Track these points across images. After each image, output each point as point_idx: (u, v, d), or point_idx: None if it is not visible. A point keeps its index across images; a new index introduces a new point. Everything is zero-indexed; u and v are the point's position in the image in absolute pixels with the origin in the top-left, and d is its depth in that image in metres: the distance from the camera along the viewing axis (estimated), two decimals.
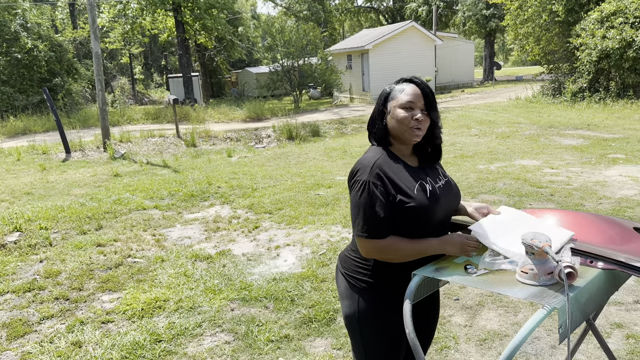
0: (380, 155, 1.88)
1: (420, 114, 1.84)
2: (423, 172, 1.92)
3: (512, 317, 3.54)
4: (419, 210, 1.79)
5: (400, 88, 1.90)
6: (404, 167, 1.88)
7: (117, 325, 3.71)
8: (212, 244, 5.43)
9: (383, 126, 1.91)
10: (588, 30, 16.30)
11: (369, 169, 1.82)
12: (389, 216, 1.80)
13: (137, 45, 37.35)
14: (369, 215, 1.79)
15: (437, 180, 1.93)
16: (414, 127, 1.84)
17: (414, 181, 1.84)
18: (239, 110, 20.97)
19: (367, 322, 1.94)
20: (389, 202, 1.80)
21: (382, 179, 1.80)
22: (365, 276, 1.94)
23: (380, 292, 1.92)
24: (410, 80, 1.91)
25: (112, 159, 11.60)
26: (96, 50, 12.90)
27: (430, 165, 1.99)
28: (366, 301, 1.94)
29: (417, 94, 1.86)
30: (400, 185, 1.81)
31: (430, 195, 1.83)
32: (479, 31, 35.65)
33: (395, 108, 1.87)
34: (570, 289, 1.61)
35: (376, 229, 1.80)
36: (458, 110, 17.71)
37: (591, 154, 9.05)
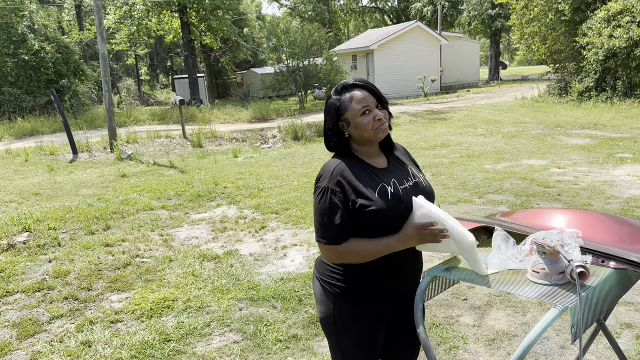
0: (342, 161, 1.87)
1: (380, 113, 1.85)
2: (389, 173, 1.90)
3: (521, 317, 3.53)
4: (380, 213, 1.78)
5: (347, 97, 1.86)
6: (367, 170, 1.87)
7: (126, 325, 3.72)
8: (219, 244, 5.44)
9: (345, 139, 1.90)
10: (594, 29, 16.23)
11: (330, 175, 1.82)
12: (348, 222, 1.80)
13: (143, 47, 37.49)
14: (327, 221, 1.80)
15: (403, 182, 1.89)
16: (377, 125, 1.84)
17: (375, 184, 1.83)
18: (244, 111, 21.00)
19: (342, 327, 1.93)
20: (348, 208, 1.80)
21: (341, 185, 1.80)
22: (339, 281, 1.92)
23: (354, 297, 1.90)
24: (353, 85, 1.88)
25: (119, 160, 11.65)
26: (103, 51, 12.96)
27: (400, 164, 1.97)
28: (340, 306, 1.92)
29: (366, 96, 1.85)
30: (360, 190, 1.80)
31: (392, 198, 1.80)
32: (485, 31, 35.56)
33: (354, 119, 1.85)
34: (582, 288, 1.60)
35: (333, 235, 1.80)
36: (464, 110, 17.67)
37: (598, 153, 9.01)
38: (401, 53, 25.50)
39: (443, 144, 11.02)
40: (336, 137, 1.90)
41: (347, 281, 1.90)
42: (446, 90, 28.06)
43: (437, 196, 6.77)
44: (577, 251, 1.69)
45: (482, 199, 6.54)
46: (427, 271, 1.90)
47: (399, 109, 19.70)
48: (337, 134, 1.89)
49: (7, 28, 21.51)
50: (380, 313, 1.92)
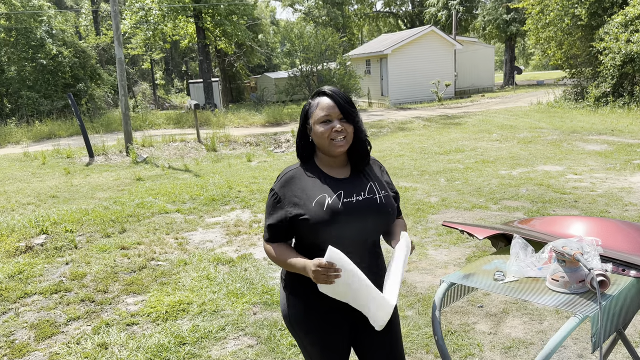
0: (298, 167, 1.95)
1: (338, 124, 1.84)
2: (342, 184, 1.89)
3: (537, 325, 3.49)
4: (312, 223, 1.80)
5: (315, 103, 1.89)
6: (318, 178, 1.89)
7: (141, 328, 3.75)
8: (233, 248, 5.47)
9: (309, 143, 1.94)
10: (612, 34, 16.05)
11: (280, 179, 1.92)
12: (281, 225, 1.88)
13: (159, 51, 37.86)
14: (266, 219, 1.93)
15: (353, 195, 1.86)
16: (335, 138, 1.84)
17: (316, 194, 1.84)
18: (258, 115, 21.10)
19: (297, 322, 1.96)
20: (285, 213, 1.86)
21: (285, 191, 1.88)
22: (288, 278, 1.99)
23: (301, 293, 1.93)
24: (323, 92, 1.89)
25: (134, 163, 11.77)
26: (119, 56, 13.12)
27: (362, 178, 1.94)
28: (294, 302, 1.97)
29: (331, 106, 1.85)
30: (299, 198, 1.85)
31: (327, 209, 1.80)
32: (499, 35, 35.35)
33: (314, 125, 1.88)
34: (603, 297, 1.59)
35: (267, 233, 1.92)
36: (478, 115, 17.57)
37: (616, 159, 8.90)
38: (415, 58, 25.45)
39: (457, 149, 10.96)
40: (302, 139, 1.95)
41: (292, 277, 1.95)
42: (460, 95, 27.93)
43: (452, 202, 6.74)
44: (597, 259, 1.68)
45: (498, 205, 6.49)
46: (444, 278, 1.90)
47: (413, 114, 19.65)
48: (303, 136, 1.95)
49: (26, 33, 21.88)
50: (331, 308, 1.87)
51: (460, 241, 5.19)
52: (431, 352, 3.22)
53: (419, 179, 8.35)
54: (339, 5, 38.86)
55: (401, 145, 12.00)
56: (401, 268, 1.75)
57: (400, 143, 12.47)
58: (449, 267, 4.58)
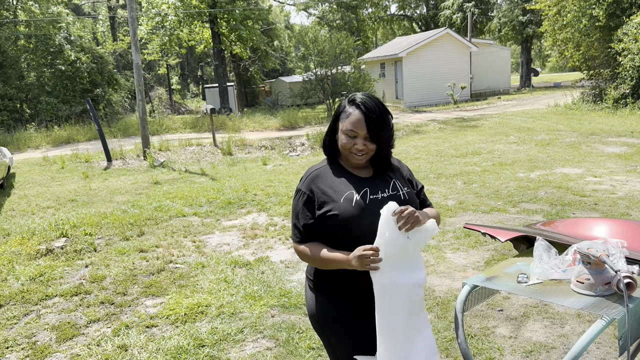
0: (323, 166, 2.00)
1: (360, 144, 1.88)
2: (367, 183, 1.94)
3: (559, 328, 3.45)
4: (342, 219, 1.84)
5: (348, 112, 1.91)
6: (344, 176, 1.94)
7: (161, 330, 3.78)
8: (250, 251, 5.48)
9: (333, 142, 1.98)
10: (631, 35, 15.83)
11: (305, 179, 1.96)
12: (312, 224, 1.90)
13: (175, 57, 38.23)
14: (295, 221, 1.95)
15: (378, 192, 1.92)
16: (355, 153, 1.90)
17: (344, 191, 1.89)
18: (273, 119, 21.18)
19: (326, 322, 1.99)
20: (314, 211, 1.90)
21: (312, 189, 1.92)
22: (316, 278, 2.01)
23: (330, 293, 1.97)
24: (358, 105, 1.89)
25: (151, 167, 11.88)
26: (137, 61, 13.27)
27: (384, 176, 1.99)
28: (321, 302, 1.99)
29: (360, 123, 1.87)
30: (328, 195, 1.89)
31: (355, 205, 1.85)
32: (515, 37, 35.04)
33: (341, 132, 1.92)
34: (630, 299, 1.56)
35: (299, 234, 1.94)
36: (495, 117, 17.43)
37: (636, 162, 8.76)
38: (430, 60, 25.34)
39: (474, 152, 10.88)
40: (329, 136, 2.00)
41: (323, 277, 1.98)
42: (476, 97, 27.74)
43: (470, 205, 6.69)
44: (622, 261, 1.65)
45: (516, 208, 6.42)
46: (466, 280, 1.88)
47: (428, 117, 19.56)
48: (331, 133, 1.99)
49: (45, 39, 22.26)
50: (359, 308, 1.91)
51: (478, 244, 5.15)
52: (451, 355, 3.20)
53: (436, 182, 8.30)
54: (353, 8, 38.87)
55: (417, 149, 11.94)
56: None
57: (415, 146, 12.41)
58: (468, 270, 4.54)
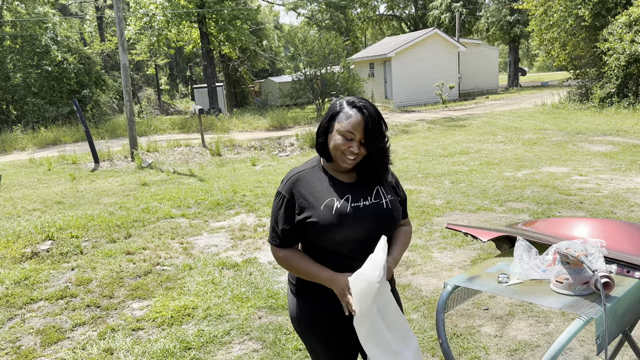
0: (306, 169, 1.95)
1: (356, 147, 1.84)
2: (350, 188, 1.90)
3: (544, 327, 3.48)
4: (321, 227, 1.81)
5: (347, 113, 1.85)
6: (327, 182, 1.90)
7: (147, 333, 3.76)
8: (238, 252, 5.47)
9: (324, 142, 1.92)
10: (616, 35, 16.01)
11: (287, 182, 1.92)
12: (290, 229, 1.88)
13: (163, 57, 38.00)
14: (273, 224, 1.92)
15: (360, 200, 1.87)
16: (346, 155, 1.85)
17: (325, 197, 1.85)
18: (262, 120, 21.15)
19: (307, 326, 1.98)
20: (293, 216, 1.87)
21: (292, 193, 1.88)
22: (299, 282, 1.99)
23: (309, 296, 1.96)
24: (359, 108, 1.85)
25: (139, 169, 11.81)
26: (124, 62, 13.18)
27: (370, 182, 1.94)
28: (302, 306, 1.98)
29: (360, 126, 1.83)
30: (309, 200, 1.86)
31: (335, 212, 1.81)
32: (503, 37, 35.30)
33: (336, 133, 1.86)
34: (607, 299, 1.58)
35: (277, 237, 1.91)
36: (483, 117, 17.54)
37: (621, 160, 8.86)
38: (419, 60, 25.45)
39: (462, 152, 10.94)
40: (322, 136, 1.94)
41: (304, 282, 1.96)
42: (465, 97, 27.90)
43: (457, 204, 6.72)
44: (601, 261, 1.67)
45: (503, 207, 6.47)
46: (448, 281, 1.89)
47: (417, 116, 19.63)
48: (323, 133, 1.94)
49: (31, 40, 22.03)
50: (340, 312, 1.87)
51: (465, 244, 5.18)
52: (437, 355, 3.21)
53: (424, 181, 8.34)
54: (342, 8, 38.91)
55: (405, 148, 11.98)
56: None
57: (404, 146, 12.45)
58: (454, 269, 4.57)
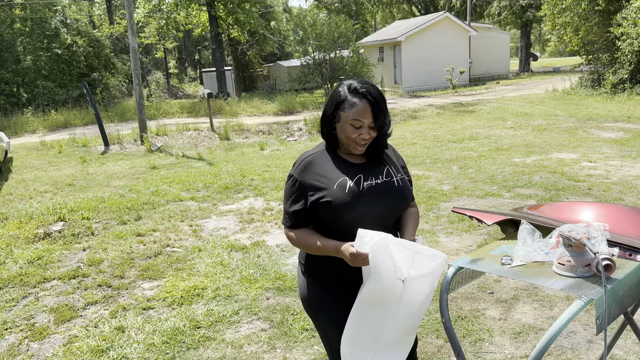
0: (317, 152, 1.98)
1: (366, 133, 1.88)
2: (360, 169, 1.93)
3: (548, 310, 3.51)
4: (334, 205, 1.84)
5: (351, 102, 1.87)
6: (338, 163, 1.94)
7: (157, 312, 3.84)
8: (246, 235, 5.54)
9: (331, 132, 1.95)
10: (630, 19, 15.76)
11: (298, 164, 1.95)
12: (303, 210, 1.91)
13: (172, 40, 37.92)
14: (287, 206, 1.95)
15: (372, 179, 1.91)
16: (358, 142, 1.89)
17: (337, 177, 1.89)
18: (270, 104, 21.13)
19: (317, 305, 2.01)
20: (306, 197, 1.90)
21: (305, 175, 1.91)
22: (308, 262, 2.03)
23: (321, 277, 2.00)
24: (363, 94, 1.86)
25: (149, 152, 11.89)
26: (133, 45, 13.20)
27: (380, 162, 1.99)
28: (312, 285, 2.03)
29: (367, 112, 1.86)
30: (322, 181, 1.89)
31: (348, 191, 1.85)
32: (515, 21, 34.83)
33: (344, 122, 1.89)
34: (608, 281, 1.61)
35: (290, 219, 1.95)
36: (493, 102, 17.42)
37: (632, 147, 8.80)
38: (429, 44, 25.22)
39: (471, 137, 10.90)
40: (327, 125, 1.97)
41: (314, 262, 2.00)
42: (475, 82, 27.66)
43: (465, 189, 6.73)
44: (603, 244, 1.70)
45: (511, 193, 6.47)
46: (452, 262, 1.93)
47: (426, 101, 19.53)
48: (329, 122, 1.96)
49: (40, 23, 22.08)
50: (350, 292, 1.89)
51: (472, 228, 5.21)
52: (441, 337, 3.26)
53: (432, 167, 8.34)
54: None
55: (414, 134, 11.96)
56: None
57: (413, 131, 12.42)
58: (460, 254, 4.61)
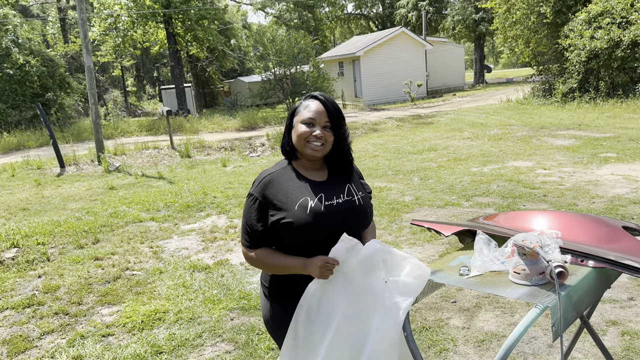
0: (277, 170, 1.95)
1: (319, 131, 1.87)
2: (322, 187, 1.92)
3: (509, 317, 3.58)
4: (296, 226, 1.82)
5: (305, 104, 1.92)
6: (299, 181, 1.91)
7: (117, 339, 3.72)
8: (209, 254, 5.45)
9: (290, 142, 1.95)
10: (576, 31, 16.48)
11: (258, 183, 1.92)
12: (263, 230, 1.87)
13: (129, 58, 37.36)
14: (245, 225, 1.92)
15: (333, 198, 1.90)
16: (312, 142, 1.88)
17: (298, 197, 1.86)
18: (232, 120, 21.02)
19: (278, 327, 1.98)
20: (266, 217, 1.87)
21: (264, 195, 1.88)
22: (270, 283, 2.00)
23: (283, 299, 1.96)
24: (315, 97, 1.92)
25: (106, 172, 11.61)
26: (88, 64, 12.93)
27: (341, 180, 1.98)
28: (275, 307, 1.99)
29: (320, 111, 1.88)
30: (282, 202, 1.86)
31: (310, 212, 1.82)
32: (469, 35, 35.89)
33: (297, 123, 1.91)
34: (562, 287, 1.65)
35: (248, 239, 1.91)
36: (450, 114, 17.82)
37: (583, 153, 9.14)
38: (387, 59, 25.68)
39: (430, 148, 11.11)
40: (286, 136, 1.97)
41: (277, 284, 1.97)
42: (433, 94, 28.27)
43: (426, 200, 6.83)
44: (556, 251, 1.74)
45: (470, 202, 6.61)
46: None
47: (387, 114, 19.82)
48: (288, 133, 1.97)
49: None
50: None
51: (434, 239, 5.28)
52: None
53: (394, 178, 8.44)
54: (310, 8, 38.95)
55: (375, 146, 12.10)
56: None
57: (374, 144, 12.57)
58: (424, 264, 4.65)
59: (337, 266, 1.76)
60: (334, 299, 1.78)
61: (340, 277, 1.78)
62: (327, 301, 1.79)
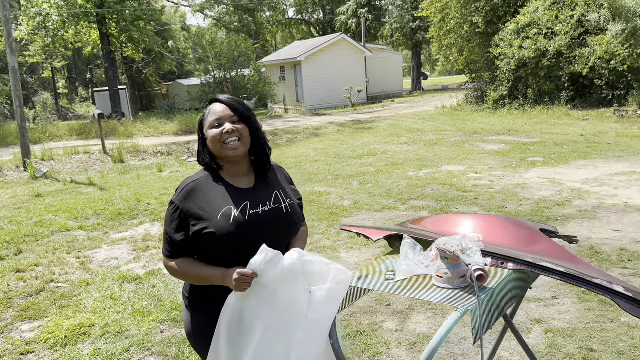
0: (201, 177, 1.91)
1: (229, 125, 1.84)
2: (247, 195, 1.87)
3: (441, 319, 3.65)
4: (219, 237, 1.77)
5: (207, 111, 1.91)
6: (223, 189, 1.86)
7: (37, 356, 3.49)
8: (141, 264, 5.24)
9: (207, 152, 1.91)
10: (506, 41, 17.27)
11: (181, 191, 1.87)
12: (185, 240, 1.82)
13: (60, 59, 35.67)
14: (166, 234, 1.87)
15: (259, 206, 1.85)
16: (227, 141, 1.84)
17: (222, 206, 1.81)
18: (169, 124, 20.48)
19: (200, 339, 1.93)
20: (187, 226, 1.82)
21: (186, 203, 1.83)
22: (192, 295, 1.94)
23: (205, 310, 1.91)
24: (215, 99, 1.92)
25: (33, 179, 10.98)
26: (13, 64, 12.21)
27: (267, 187, 1.93)
28: (196, 319, 1.94)
29: (222, 109, 1.87)
30: (205, 209, 1.81)
31: (234, 221, 1.78)
32: (407, 43, 36.79)
33: (207, 131, 1.88)
34: (482, 290, 1.68)
35: (169, 248, 1.85)
36: (389, 119, 18.18)
37: (512, 158, 9.55)
38: (328, 64, 25.90)
39: (370, 153, 11.27)
40: (202, 149, 1.92)
41: (198, 295, 1.92)
42: (372, 100, 28.77)
43: (364, 204, 6.90)
44: (478, 255, 1.77)
45: (406, 205, 6.73)
46: None
47: (328, 119, 19.96)
48: (202, 146, 1.92)
49: None
50: None
51: (370, 243, 5.32)
52: None
53: (334, 183, 8.48)
54: (251, 12, 38.72)
55: (316, 151, 12.13)
56: None
57: (315, 148, 12.61)
58: (360, 267, 4.68)
59: (255, 278, 1.70)
60: (256, 312, 1.73)
61: (261, 290, 1.73)
62: (248, 314, 1.74)
